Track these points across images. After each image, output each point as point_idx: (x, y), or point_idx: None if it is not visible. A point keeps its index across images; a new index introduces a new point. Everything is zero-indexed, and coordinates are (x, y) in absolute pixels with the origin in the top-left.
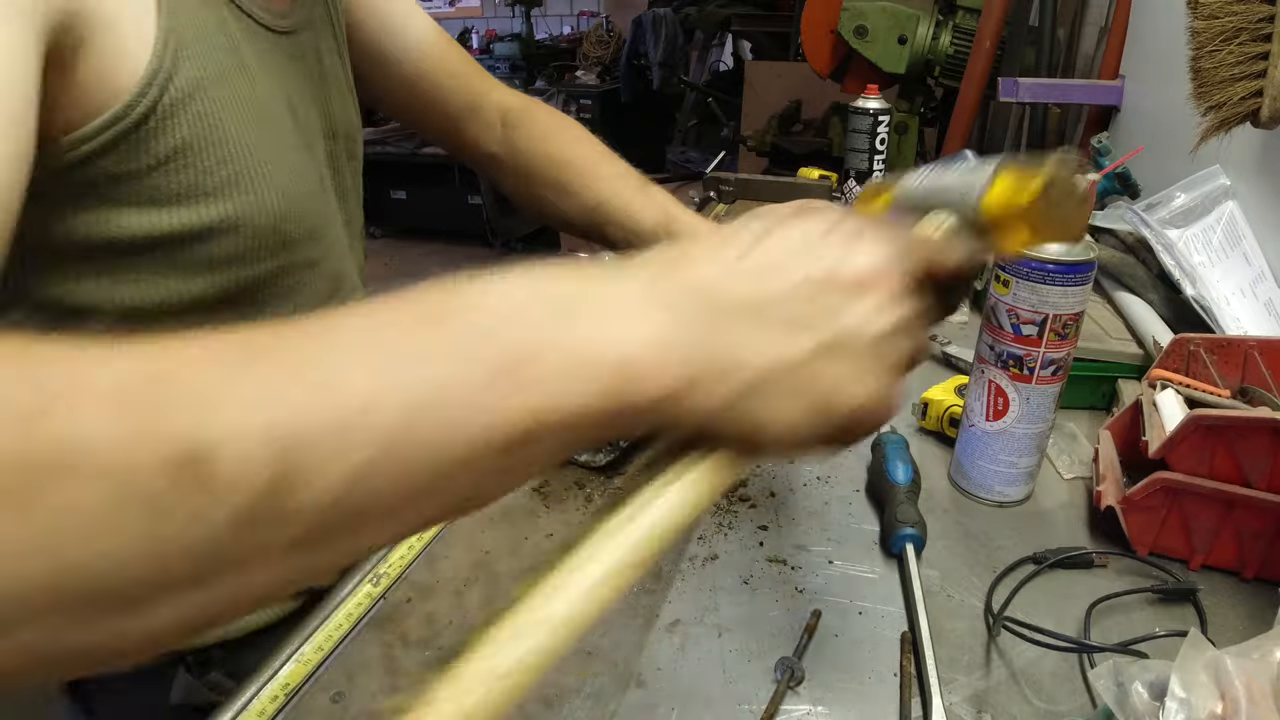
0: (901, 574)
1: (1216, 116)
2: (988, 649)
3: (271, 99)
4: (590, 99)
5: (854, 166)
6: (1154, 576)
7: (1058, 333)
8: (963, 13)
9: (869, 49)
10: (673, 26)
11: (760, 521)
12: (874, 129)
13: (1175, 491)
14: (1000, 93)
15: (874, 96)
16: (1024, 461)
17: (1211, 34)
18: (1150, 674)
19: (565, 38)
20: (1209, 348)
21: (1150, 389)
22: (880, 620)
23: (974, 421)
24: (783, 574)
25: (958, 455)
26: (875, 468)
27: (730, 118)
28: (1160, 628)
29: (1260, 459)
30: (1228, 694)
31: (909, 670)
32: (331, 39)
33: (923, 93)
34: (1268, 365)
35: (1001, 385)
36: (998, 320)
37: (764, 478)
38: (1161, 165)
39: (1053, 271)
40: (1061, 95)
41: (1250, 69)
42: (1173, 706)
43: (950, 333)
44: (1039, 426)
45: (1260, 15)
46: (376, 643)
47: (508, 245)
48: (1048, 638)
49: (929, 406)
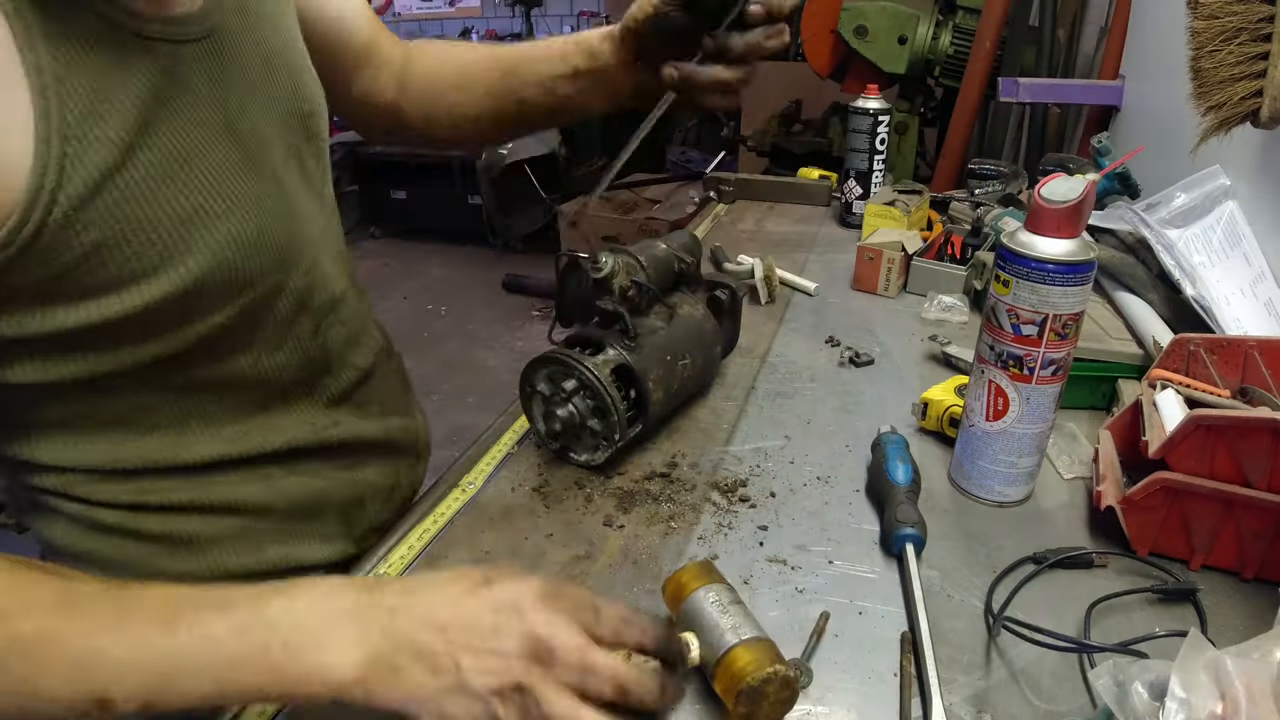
0: (901, 574)
1: (1216, 116)
2: (988, 649)
3: (202, 134)
4: None
5: (854, 166)
6: (1154, 576)
7: (1058, 333)
8: (963, 13)
9: (869, 49)
10: None
11: (760, 521)
12: (874, 129)
13: (1175, 491)
14: (1000, 93)
15: (874, 96)
16: (1024, 461)
17: (1211, 34)
18: (1150, 674)
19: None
20: (1209, 348)
21: (1150, 389)
22: (880, 620)
23: (974, 421)
24: (783, 574)
25: (958, 455)
26: (875, 468)
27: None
28: (1160, 628)
29: (1260, 459)
30: (1228, 694)
31: (909, 670)
32: (274, 19)
33: (923, 93)
34: (1268, 365)
35: (1001, 385)
36: (998, 320)
37: (764, 477)
38: (1161, 165)
39: (1053, 271)
40: (1061, 95)
41: (1250, 69)
42: (1173, 706)
43: (950, 333)
44: (1039, 426)
45: (1260, 15)
46: None
47: (508, 245)
48: (1048, 638)
49: (929, 406)
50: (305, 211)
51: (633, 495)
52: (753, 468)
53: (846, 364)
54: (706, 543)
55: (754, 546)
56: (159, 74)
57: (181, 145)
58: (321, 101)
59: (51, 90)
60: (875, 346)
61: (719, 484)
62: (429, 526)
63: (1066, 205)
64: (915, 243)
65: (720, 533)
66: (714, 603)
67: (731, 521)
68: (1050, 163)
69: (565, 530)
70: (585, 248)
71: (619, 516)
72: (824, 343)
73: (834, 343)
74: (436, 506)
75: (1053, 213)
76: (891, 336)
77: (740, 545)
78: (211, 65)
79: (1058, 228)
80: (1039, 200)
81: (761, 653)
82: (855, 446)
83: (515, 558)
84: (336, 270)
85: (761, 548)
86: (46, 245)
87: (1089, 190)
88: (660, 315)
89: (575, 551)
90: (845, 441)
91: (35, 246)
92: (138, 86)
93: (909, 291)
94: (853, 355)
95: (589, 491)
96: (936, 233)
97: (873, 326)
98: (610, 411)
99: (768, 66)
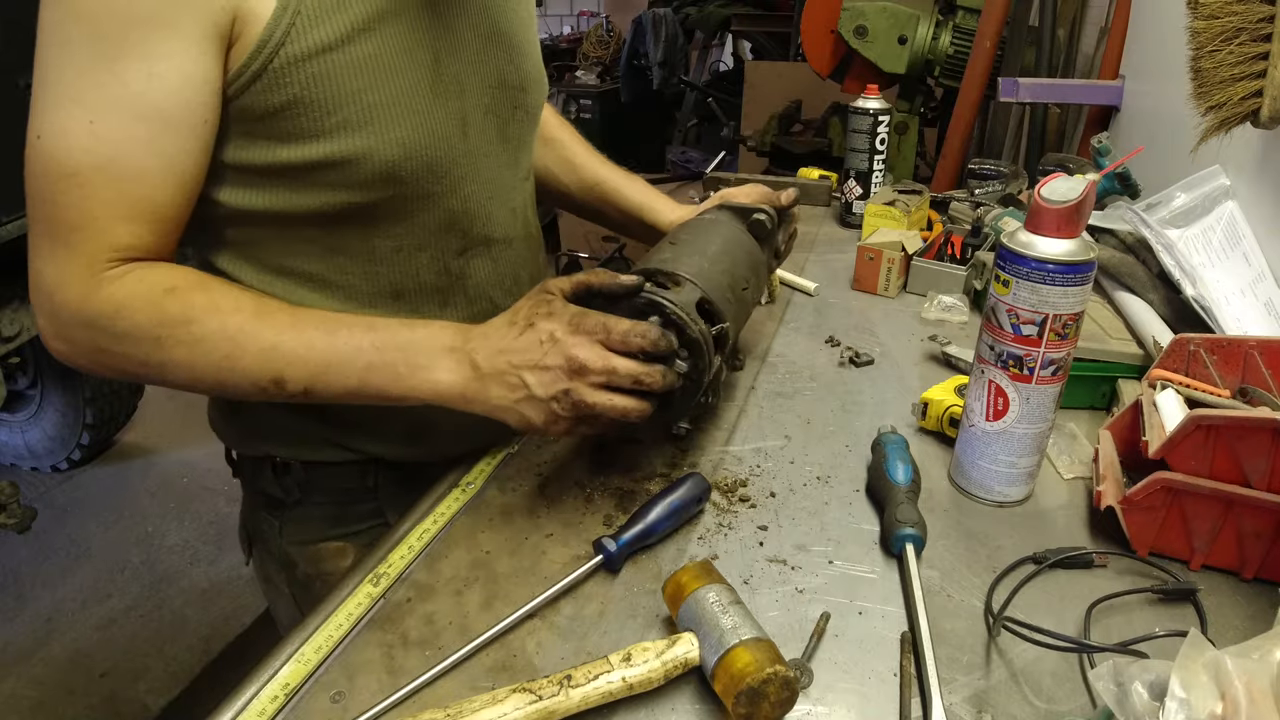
0: (901, 574)
1: (1216, 116)
2: (988, 649)
3: (405, 56)
4: (590, 99)
5: (854, 166)
6: (1154, 576)
7: (1058, 333)
8: (963, 13)
9: (869, 49)
10: (673, 26)
11: (760, 521)
12: (874, 129)
13: (1175, 491)
14: (1000, 93)
15: (874, 96)
16: (1024, 461)
17: (1211, 34)
18: (1150, 674)
19: (565, 38)
20: (1209, 348)
21: (1150, 389)
22: (880, 620)
23: (974, 421)
24: (783, 574)
25: (958, 455)
26: (875, 468)
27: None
28: (1160, 628)
29: (1260, 459)
30: (1228, 694)
31: (909, 670)
32: (514, 3)
33: (923, 93)
34: (1268, 365)
35: (1001, 385)
36: (998, 320)
37: (764, 477)
38: (1161, 165)
39: (1053, 271)
40: (1061, 95)
41: (1250, 69)
42: (1173, 706)
43: (950, 333)
44: (1039, 426)
45: (1260, 15)
46: (376, 643)
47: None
48: (1048, 638)
49: (929, 406)
50: (487, 158)
51: (633, 495)
52: (753, 468)
53: (846, 364)
54: (706, 543)
55: (754, 546)
56: (394, 2)
57: (384, 58)
58: (536, 82)
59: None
60: (875, 346)
61: (719, 484)
62: (429, 526)
63: (1066, 205)
64: (915, 243)
65: (720, 533)
66: (714, 603)
67: (731, 521)
68: (1050, 163)
69: (565, 530)
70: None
71: (619, 516)
72: (824, 343)
73: (834, 343)
74: (436, 506)
75: (1053, 213)
76: (891, 336)
77: (740, 545)
78: (440, 19)
79: (1058, 228)
80: (1039, 200)
81: (761, 653)
82: (855, 446)
83: (515, 558)
84: (504, 217)
85: (761, 548)
86: (262, 86)
87: (1089, 190)
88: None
89: (575, 551)
90: (845, 441)
91: (255, 86)
92: (373, 2)
93: (909, 291)
94: (853, 355)
95: (589, 491)
96: (936, 233)
97: (873, 326)
98: (702, 349)
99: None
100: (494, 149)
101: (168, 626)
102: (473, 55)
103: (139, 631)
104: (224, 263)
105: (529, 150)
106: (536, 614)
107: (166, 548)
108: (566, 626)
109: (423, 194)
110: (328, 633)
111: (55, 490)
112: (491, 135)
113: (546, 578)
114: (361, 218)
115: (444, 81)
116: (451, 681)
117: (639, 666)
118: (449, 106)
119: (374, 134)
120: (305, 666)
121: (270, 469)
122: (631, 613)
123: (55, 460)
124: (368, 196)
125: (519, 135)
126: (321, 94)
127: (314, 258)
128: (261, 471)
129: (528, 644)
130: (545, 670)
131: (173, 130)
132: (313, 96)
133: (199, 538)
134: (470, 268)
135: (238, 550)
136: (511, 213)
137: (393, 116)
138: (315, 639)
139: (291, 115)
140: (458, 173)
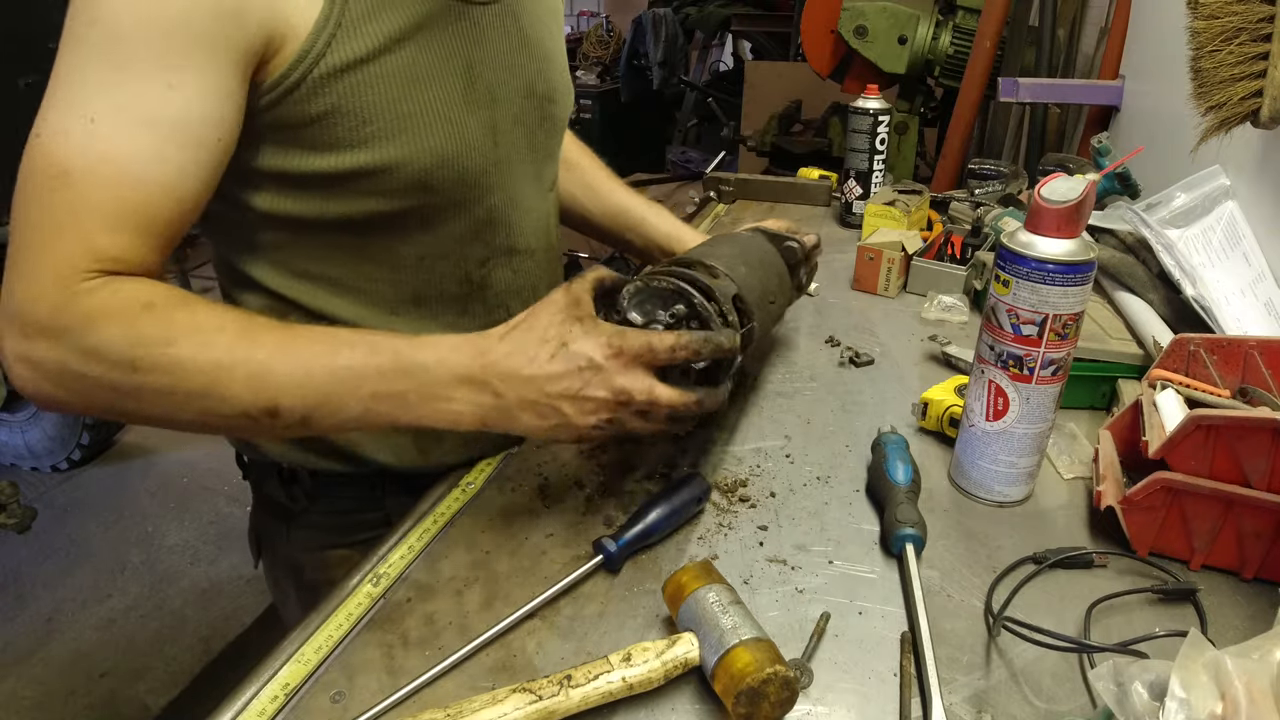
0: (901, 574)
1: (1216, 116)
2: (988, 649)
3: (440, 66)
4: (590, 99)
5: (854, 166)
6: (1154, 576)
7: (1058, 333)
8: (963, 13)
9: (869, 49)
10: (673, 26)
11: (760, 521)
12: (874, 129)
13: (1175, 491)
14: (1000, 93)
15: (874, 96)
16: (1024, 461)
17: (1211, 34)
18: (1150, 674)
19: (565, 38)
20: (1209, 348)
21: (1150, 389)
22: (880, 620)
23: (974, 421)
24: (783, 574)
25: (958, 455)
26: (875, 468)
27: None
28: (1160, 628)
29: (1260, 459)
30: (1228, 694)
31: (909, 670)
32: (542, 11)
33: (923, 93)
34: (1268, 365)
35: (1001, 385)
36: (998, 320)
37: (764, 477)
38: (1161, 165)
39: (1053, 271)
40: (1061, 95)
41: (1250, 69)
42: (1173, 706)
43: (950, 333)
44: (1039, 426)
45: (1260, 15)
46: (376, 643)
47: None
48: (1048, 638)
49: (929, 406)
50: (514, 167)
51: (633, 495)
52: (753, 468)
53: (846, 364)
54: (706, 543)
55: (754, 546)
56: (430, 11)
57: (419, 67)
58: (564, 93)
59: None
60: (875, 346)
61: (719, 484)
62: (429, 526)
63: (1066, 205)
64: (915, 243)
65: (720, 533)
66: (714, 603)
67: (731, 521)
68: (1050, 163)
69: (565, 530)
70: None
71: (619, 516)
72: (824, 343)
73: (834, 343)
74: (436, 506)
75: (1053, 213)
76: (891, 336)
77: (740, 545)
78: (476, 27)
79: (1058, 228)
80: (1039, 200)
81: (761, 653)
82: (855, 446)
83: (515, 558)
84: (528, 228)
85: (761, 548)
86: (299, 97)
87: (1089, 190)
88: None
89: (575, 551)
90: (845, 441)
91: (292, 96)
92: (409, 12)
93: (909, 291)
94: (853, 355)
95: (589, 491)
96: (936, 233)
97: (873, 326)
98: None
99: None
100: (522, 159)
101: (168, 626)
102: (504, 64)
103: (139, 631)
104: (248, 265)
105: (554, 163)
106: (536, 614)
107: (166, 548)
108: (566, 626)
109: (452, 203)
110: (328, 633)
111: (55, 490)
112: (520, 145)
113: (546, 578)
114: (390, 225)
115: (476, 90)
116: (451, 681)
117: (639, 666)
118: (480, 116)
119: (408, 143)
120: (305, 666)
121: (277, 476)
122: (631, 613)
123: (55, 460)
124: (398, 204)
125: (545, 145)
126: (358, 104)
127: (339, 263)
128: (269, 478)
129: (528, 644)
130: (545, 670)
131: (181, 142)
132: (350, 106)
133: (199, 538)
134: (492, 277)
135: (238, 550)
136: (535, 224)
137: (427, 125)
138: (315, 639)
139: (328, 125)
140: (486, 182)
